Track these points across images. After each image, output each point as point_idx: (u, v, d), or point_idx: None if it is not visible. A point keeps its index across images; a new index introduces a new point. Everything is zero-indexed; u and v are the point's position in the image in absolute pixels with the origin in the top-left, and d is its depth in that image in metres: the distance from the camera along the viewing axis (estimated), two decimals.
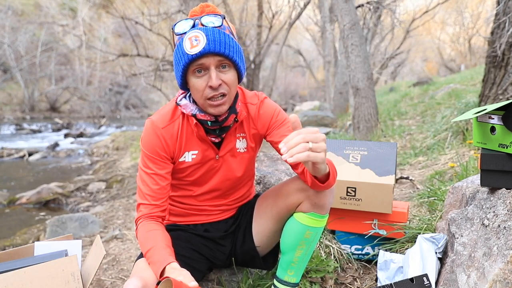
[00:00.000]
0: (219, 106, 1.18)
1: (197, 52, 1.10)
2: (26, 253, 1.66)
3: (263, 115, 1.34)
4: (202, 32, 1.11)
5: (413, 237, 1.69)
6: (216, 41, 1.11)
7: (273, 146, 1.36)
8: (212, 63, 1.13)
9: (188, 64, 1.13)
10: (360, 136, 4.54)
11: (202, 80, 1.15)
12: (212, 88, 1.14)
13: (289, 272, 1.37)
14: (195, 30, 1.12)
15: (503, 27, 3.11)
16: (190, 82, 1.18)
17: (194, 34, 1.11)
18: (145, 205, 1.23)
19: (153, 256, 1.12)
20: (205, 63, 1.13)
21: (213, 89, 1.15)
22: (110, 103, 25.37)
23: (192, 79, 1.16)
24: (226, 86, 1.16)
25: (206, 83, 1.15)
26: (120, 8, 9.61)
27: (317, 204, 1.27)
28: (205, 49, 1.10)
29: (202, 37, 1.11)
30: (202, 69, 1.14)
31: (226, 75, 1.16)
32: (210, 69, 1.14)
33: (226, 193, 1.40)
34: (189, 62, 1.12)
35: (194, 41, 1.11)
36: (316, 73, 22.78)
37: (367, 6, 6.27)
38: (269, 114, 1.34)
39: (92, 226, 3.38)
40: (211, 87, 1.14)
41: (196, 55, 1.11)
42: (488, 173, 1.29)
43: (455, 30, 19.87)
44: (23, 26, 23.15)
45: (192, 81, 1.17)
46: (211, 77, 1.13)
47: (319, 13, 12.97)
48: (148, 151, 1.25)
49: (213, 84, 1.13)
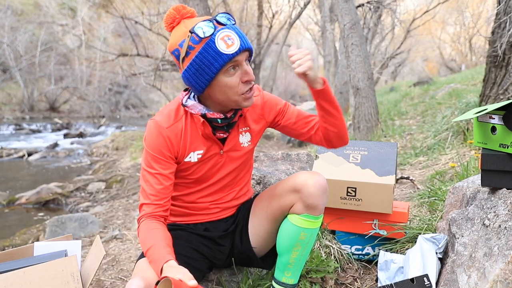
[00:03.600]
0: (252, 97, 1.23)
1: (236, 50, 1.13)
2: (25, 253, 1.65)
3: (268, 103, 1.40)
4: (232, 30, 1.15)
5: (413, 237, 1.69)
6: (244, 38, 1.16)
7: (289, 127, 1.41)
8: (243, 59, 1.17)
9: (225, 64, 1.14)
10: (361, 136, 4.53)
11: (235, 77, 1.18)
12: (248, 82, 1.19)
13: (287, 274, 1.37)
14: (225, 29, 1.14)
15: (504, 27, 3.10)
16: (220, 82, 1.17)
17: (226, 34, 1.14)
18: (148, 204, 1.23)
19: (153, 255, 1.12)
20: (239, 60, 1.16)
21: (247, 83, 1.19)
22: (110, 103, 25.36)
23: (223, 79, 1.17)
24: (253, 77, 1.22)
25: (239, 78, 1.18)
26: (119, 7, 9.61)
27: (310, 206, 1.27)
28: (242, 46, 1.14)
29: (234, 35, 1.14)
30: (235, 66, 1.17)
31: (249, 67, 1.21)
32: (242, 65, 1.17)
33: (226, 186, 1.40)
34: (228, 61, 1.14)
35: (228, 40, 1.13)
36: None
37: (368, 6, 6.26)
38: (274, 101, 1.41)
39: (91, 226, 3.38)
40: (247, 81, 1.18)
41: (235, 53, 1.13)
42: (489, 173, 1.29)
43: (456, 30, 19.87)
44: (22, 26, 23.13)
45: (224, 80, 1.17)
46: (248, 72, 1.18)
47: (319, 12, 12.96)
48: (152, 151, 1.25)
49: (252, 78, 1.19)
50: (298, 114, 1.41)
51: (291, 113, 1.40)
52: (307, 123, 1.39)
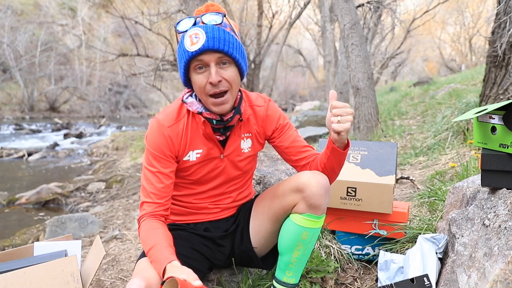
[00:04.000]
0: (222, 104, 1.21)
1: (197, 49, 1.13)
2: (25, 253, 1.66)
3: (270, 117, 1.39)
4: (202, 29, 1.15)
5: (413, 237, 1.69)
6: (215, 38, 1.14)
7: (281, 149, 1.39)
8: (212, 60, 1.16)
9: (189, 61, 1.17)
10: (361, 136, 4.53)
11: (202, 76, 1.18)
12: (212, 85, 1.17)
13: (288, 273, 1.37)
14: (195, 28, 1.16)
15: (504, 27, 3.10)
16: (192, 79, 1.21)
17: (194, 32, 1.15)
18: (148, 203, 1.24)
19: (155, 255, 1.12)
20: (205, 60, 1.16)
21: (213, 86, 1.17)
22: (110, 103, 25.37)
23: (193, 76, 1.20)
24: (226, 83, 1.19)
25: (207, 79, 1.18)
26: (120, 7, 9.60)
27: (312, 205, 1.27)
28: (204, 46, 1.13)
29: (202, 34, 1.14)
30: (203, 66, 1.17)
31: (226, 72, 1.18)
32: (210, 66, 1.16)
33: (227, 190, 1.41)
34: (190, 59, 1.16)
35: (194, 38, 1.14)
36: (316, 73, 22.81)
37: (368, 6, 6.26)
38: (275, 117, 1.39)
39: (91, 226, 3.38)
40: (211, 83, 1.17)
41: (196, 52, 1.14)
42: (489, 173, 1.29)
43: (456, 30, 19.86)
44: (22, 26, 23.14)
45: (193, 77, 1.20)
46: (211, 73, 1.16)
47: (319, 12, 12.98)
48: (153, 149, 1.26)
49: (213, 80, 1.16)
50: (294, 140, 1.38)
51: (287, 136, 1.38)
52: (299, 153, 1.37)
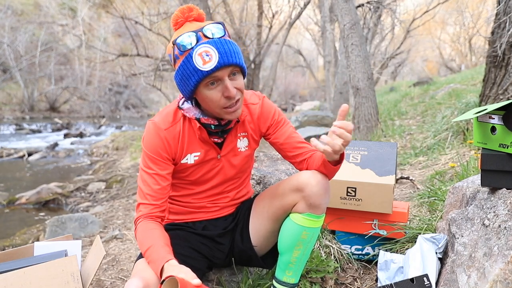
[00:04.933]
0: (235, 111, 1.21)
1: (213, 68, 1.11)
2: (25, 253, 1.66)
3: (264, 113, 1.38)
4: (212, 46, 1.12)
5: (413, 237, 1.69)
6: (228, 53, 1.12)
7: (277, 146, 1.39)
8: (225, 74, 1.15)
9: (201, 80, 1.14)
10: (361, 136, 4.53)
11: (216, 91, 1.16)
12: (229, 98, 1.16)
13: (288, 273, 1.37)
14: (204, 45, 1.12)
15: (504, 27, 3.10)
16: (201, 94, 1.18)
17: (204, 50, 1.11)
18: (145, 204, 1.24)
19: (151, 255, 1.12)
20: (219, 76, 1.14)
21: (230, 99, 1.17)
22: (110, 103, 25.37)
23: (204, 92, 1.17)
24: (239, 92, 1.20)
25: (221, 93, 1.16)
26: (120, 7, 9.61)
27: (312, 205, 1.27)
28: (219, 63, 1.11)
29: (213, 52, 1.11)
30: (215, 81, 1.15)
31: (237, 82, 1.18)
32: (224, 80, 1.15)
33: (225, 190, 1.42)
34: (203, 77, 1.13)
35: (206, 56, 1.11)
36: (316, 73, 22.79)
37: (367, 6, 6.26)
38: (270, 113, 1.38)
39: (91, 226, 3.38)
40: (228, 97, 1.16)
41: (211, 71, 1.11)
42: (489, 173, 1.29)
43: (456, 30, 19.86)
44: (22, 26, 23.13)
45: (204, 93, 1.17)
46: (228, 88, 1.15)
47: (319, 13, 12.97)
48: (150, 151, 1.26)
49: (232, 94, 1.15)
50: (289, 136, 1.37)
51: (282, 132, 1.37)
52: (295, 148, 1.36)
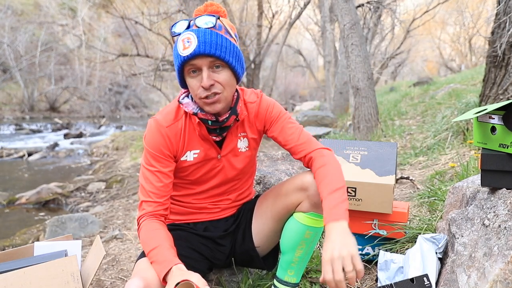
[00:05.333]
0: (213, 104, 1.20)
1: (188, 54, 1.14)
2: (25, 253, 1.66)
3: (261, 111, 1.37)
4: (194, 34, 1.15)
5: (413, 237, 1.69)
6: (207, 43, 1.14)
7: (277, 140, 1.38)
8: (204, 64, 1.16)
9: (182, 65, 1.18)
10: (360, 136, 4.53)
11: (196, 80, 1.19)
12: (204, 88, 1.17)
13: (289, 272, 1.37)
14: (187, 32, 1.16)
15: (504, 27, 3.10)
16: (186, 81, 1.22)
17: (187, 36, 1.15)
18: (148, 202, 1.24)
19: (157, 256, 1.12)
20: (197, 64, 1.16)
21: (205, 89, 1.17)
22: (110, 103, 25.36)
23: (188, 79, 1.21)
24: (219, 86, 1.19)
25: (200, 83, 1.18)
26: (120, 7, 9.60)
27: (316, 204, 1.27)
28: (195, 51, 1.13)
29: (194, 39, 1.14)
30: (196, 70, 1.18)
31: (219, 75, 1.18)
32: (203, 70, 1.17)
33: (226, 191, 1.41)
34: (183, 63, 1.17)
35: (186, 42, 1.15)
36: (316, 73, 22.79)
37: (367, 6, 6.26)
38: (265, 109, 1.37)
39: (91, 226, 3.38)
40: (202, 87, 1.17)
41: (187, 57, 1.14)
42: (489, 173, 1.29)
43: (456, 30, 19.86)
44: (22, 26, 23.13)
45: (188, 80, 1.21)
46: (203, 77, 1.17)
47: (319, 13, 12.98)
48: (152, 149, 1.26)
49: (204, 85, 1.16)
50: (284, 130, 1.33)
51: (277, 127, 1.34)
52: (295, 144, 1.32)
